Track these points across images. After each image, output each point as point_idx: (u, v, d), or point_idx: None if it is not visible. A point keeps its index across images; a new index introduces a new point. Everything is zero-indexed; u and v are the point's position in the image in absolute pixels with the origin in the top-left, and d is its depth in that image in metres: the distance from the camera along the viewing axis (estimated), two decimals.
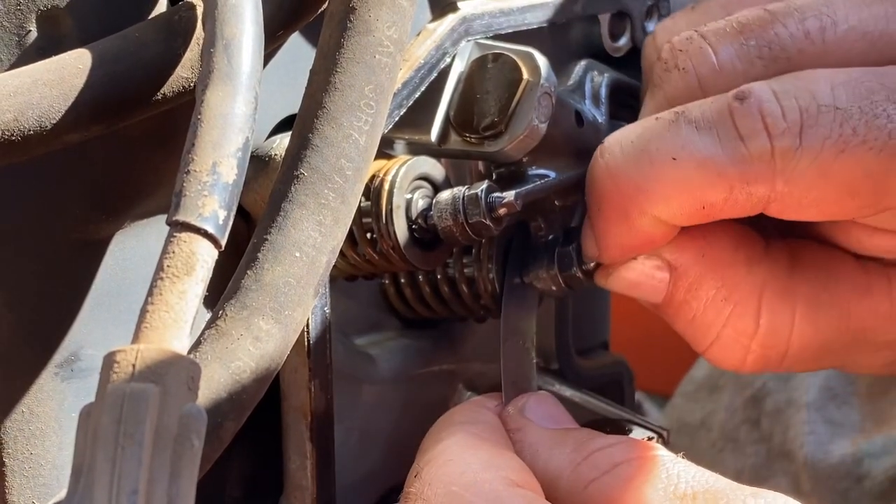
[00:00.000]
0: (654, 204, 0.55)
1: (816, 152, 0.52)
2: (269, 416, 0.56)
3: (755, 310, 0.58)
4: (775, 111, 0.53)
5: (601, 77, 0.64)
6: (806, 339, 0.58)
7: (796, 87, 0.53)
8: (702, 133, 0.54)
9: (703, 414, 1.02)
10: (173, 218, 0.42)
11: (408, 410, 0.64)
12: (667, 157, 0.54)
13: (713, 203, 0.54)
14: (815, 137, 0.52)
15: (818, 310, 0.58)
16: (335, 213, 0.48)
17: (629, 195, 0.55)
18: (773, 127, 0.53)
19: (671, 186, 0.54)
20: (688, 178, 0.54)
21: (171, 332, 0.40)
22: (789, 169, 0.53)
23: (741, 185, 0.53)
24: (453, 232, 0.56)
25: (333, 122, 0.48)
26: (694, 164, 0.53)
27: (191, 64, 0.48)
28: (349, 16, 0.49)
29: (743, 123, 0.53)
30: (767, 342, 0.58)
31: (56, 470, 0.53)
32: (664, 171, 0.54)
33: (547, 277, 0.61)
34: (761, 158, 0.53)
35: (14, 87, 0.45)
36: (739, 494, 0.48)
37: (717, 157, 0.53)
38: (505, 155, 0.58)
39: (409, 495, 0.50)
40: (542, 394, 0.57)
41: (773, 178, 0.53)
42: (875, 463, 0.86)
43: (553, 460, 0.53)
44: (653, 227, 0.56)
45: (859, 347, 0.60)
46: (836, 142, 0.52)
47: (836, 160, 0.52)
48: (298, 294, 0.46)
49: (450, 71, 0.59)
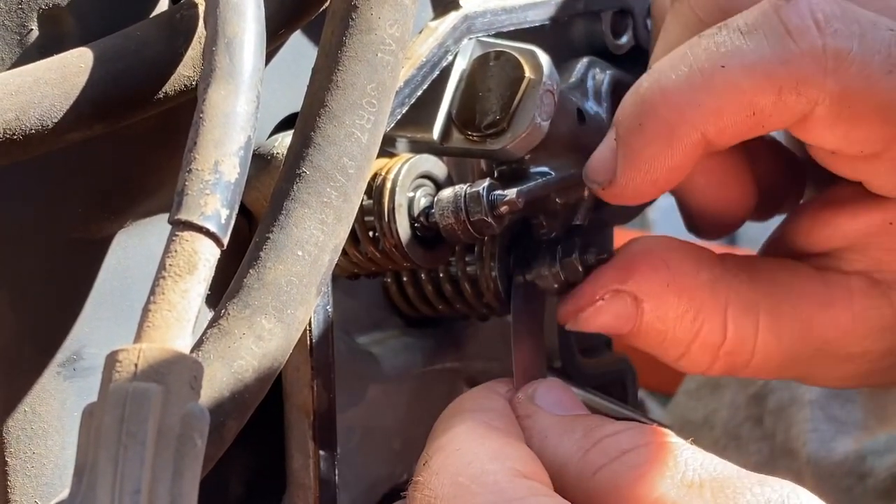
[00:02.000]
0: (705, 117, 0.53)
1: (868, 62, 0.51)
2: (271, 415, 0.56)
3: (721, 323, 0.58)
4: (827, 10, 0.52)
5: (603, 74, 0.64)
6: (770, 349, 0.59)
7: (847, 2, 0.53)
8: (747, 36, 0.53)
9: (706, 412, 1.02)
10: (175, 217, 0.42)
11: (410, 409, 0.64)
12: (715, 65, 0.53)
13: (763, 107, 0.53)
14: (868, 48, 0.51)
15: (780, 321, 0.59)
16: (337, 211, 0.48)
17: (679, 109, 0.54)
18: (825, 23, 0.52)
19: (722, 95, 0.53)
20: (737, 83, 0.53)
21: (174, 331, 0.40)
22: (841, 70, 0.51)
23: (791, 84, 0.52)
24: (455, 230, 0.56)
25: (335, 120, 0.48)
26: (742, 68, 0.52)
27: (192, 62, 0.48)
28: (351, 14, 0.49)
29: (791, 19, 0.52)
30: (734, 350, 0.59)
31: (58, 469, 0.53)
32: (713, 80, 0.53)
33: (549, 275, 0.61)
34: (812, 55, 0.52)
35: (16, 86, 0.45)
36: (746, 482, 0.48)
37: (765, 58, 0.52)
38: (507, 153, 0.58)
39: (417, 483, 0.50)
40: (553, 380, 0.57)
41: (823, 77, 0.52)
42: (878, 461, 0.86)
43: (562, 447, 0.53)
44: (693, 149, 0.54)
45: (822, 359, 0.60)
46: (885, 60, 0.52)
47: (884, 77, 0.52)
48: (301, 293, 0.46)
49: (452, 69, 0.59)
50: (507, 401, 0.56)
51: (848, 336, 0.59)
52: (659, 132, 0.54)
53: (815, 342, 0.59)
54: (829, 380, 0.63)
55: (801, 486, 0.48)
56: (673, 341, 0.59)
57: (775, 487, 0.48)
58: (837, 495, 0.86)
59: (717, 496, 0.48)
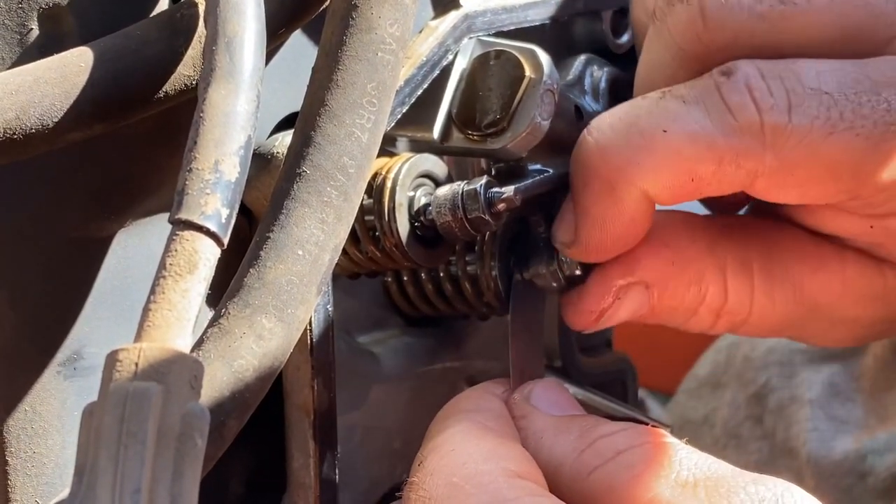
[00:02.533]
0: (643, 175, 0.54)
1: (806, 131, 0.53)
2: (271, 415, 0.56)
3: (723, 283, 0.60)
4: (762, 87, 0.53)
5: (601, 71, 0.64)
6: (764, 309, 0.60)
7: (781, 69, 0.54)
8: (690, 106, 0.54)
9: (706, 411, 1.02)
10: (176, 216, 0.42)
11: (411, 408, 0.64)
12: (657, 129, 0.54)
13: (702, 176, 0.54)
14: (805, 116, 0.53)
15: (772, 282, 0.60)
16: (338, 210, 0.48)
17: (618, 167, 0.55)
18: (762, 101, 0.53)
19: (661, 157, 0.54)
20: (678, 150, 0.54)
21: (174, 330, 0.40)
22: (779, 144, 0.53)
23: (731, 157, 0.53)
24: (452, 227, 0.56)
25: (336, 119, 0.48)
26: (684, 136, 0.54)
27: (193, 62, 0.48)
28: (351, 13, 0.49)
29: (731, 97, 0.53)
30: (733, 309, 0.60)
31: (59, 468, 0.53)
32: (654, 143, 0.54)
33: (547, 273, 0.61)
34: (751, 130, 0.53)
35: (16, 86, 0.45)
36: (741, 481, 0.48)
37: (707, 129, 0.53)
38: (507, 152, 0.58)
39: (412, 484, 0.51)
40: (549, 380, 0.58)
41: (762, 151, 0.53)
42: (878, 460, 0.86)
43: (557, 447, 0.53)
44: (638, 204, 0.55)
45: (815, 321, 0.61)
46: (824, 123, 0.53)
47: (824, 141, 0.53)
48: (301, 292, 0.46)
49: (452, 68, 0.59)
50: (502, 401, 0.56)
51: (839, 300, 0.60)
52: (602, 190, 0.56)
53: (806, 304, 0.60)
54: (824, 340, 0.65)
55: (795, 485, 0.48)
56: (681, 311, 0.60)
57: (769, 486, 0.48)
58: (837, 494, 0.86)
59: (712, 495, 0.48)
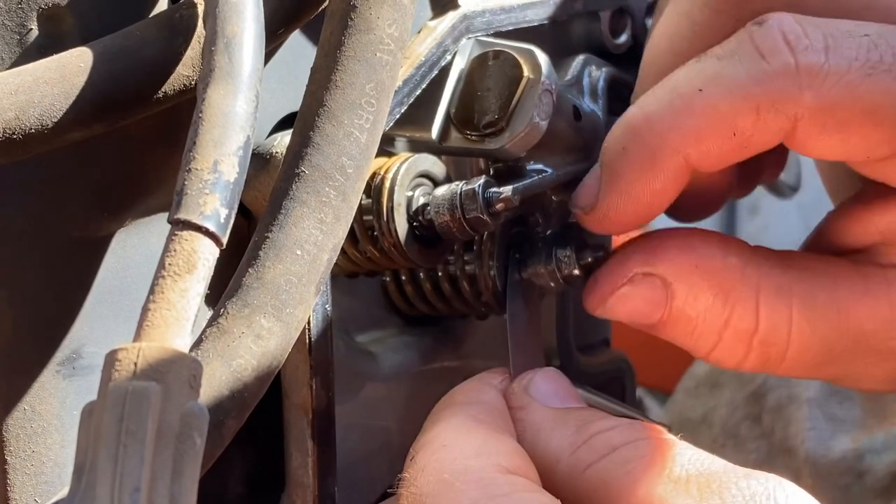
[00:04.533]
0: (686, 140, 0.54)
1: (844, 71, 0.52)
2: (270, 414, 0.56)
3: (753, 308, 0.57)
4: (797, 30, 0.53)
5: (598, 72, 0.64)
6: (805, 338, 0.57)
7: (819, 20, 0.53)
8: (724, 62, 0.54)
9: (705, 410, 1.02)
10: (175, 216, 0.42)
11: (409, 407, 0.64)
12: (693, 89, 0.54)
13: (743, 129, 0.54)
14: (842, 57, 0.52)
15: (815, 308, 0.57)
16: (336, 210, 0.48)
17: (661, 133, 0.55)
18: (796, 43, 0.52)
19: (700, 117, 0.54)
20: (715, 106, 0.53)
21: (173, 330, 0.40)
22: (816, 84, 0.52)
23: (768, 103, 0.53)
24: (450, 227, 0.56)
25: (334, 119, 0.48)
26: (719, 91, 0.53)
27: (192, 62, 0.48)
28: (350, 14, 0.49)
29: (763, 42, 0.53)
30: (768, 339, 0.57)
31: (58, 468, 0.53)
32: (693, 104, 0.54)
33: (545, 273, 0.61)
34: (786, 73, 0.52)
35: (15, 86, 0.45)
36: (732, 476, 0.48)
37: (741, 79, 0.53)
38: (506, 152, 0.58)
39: (404, 480, 0.51)
40: (549, 370, 0.57)
41: (799, 92, 0.52)
42: (876, 459, 0.86)
43: (554, 442, 0.53)
44: (677, 173, 0.55)
45: (861, 354, 0.58)
46: (863, 64, 0.52)
47: (863, 82, 0.52)
48: (300, 292, 0.46)
49: (450, 68, 0.59)
50: (499, 392, 0.56)
51: (887, 327, 0.58)
52: (641, 156, 0.55)
53: (852, 333, 0.58)
54: (870, 380, 0.61)
55: (787, 480, 0.48)
56: (704, 330, 0.58)
57: (761, 480, 0.48)
58: (835, 493, 0.86)
59: (703, 491, 0.48)
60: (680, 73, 0.55)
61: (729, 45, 0.54)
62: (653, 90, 0.56)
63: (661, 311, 0.58)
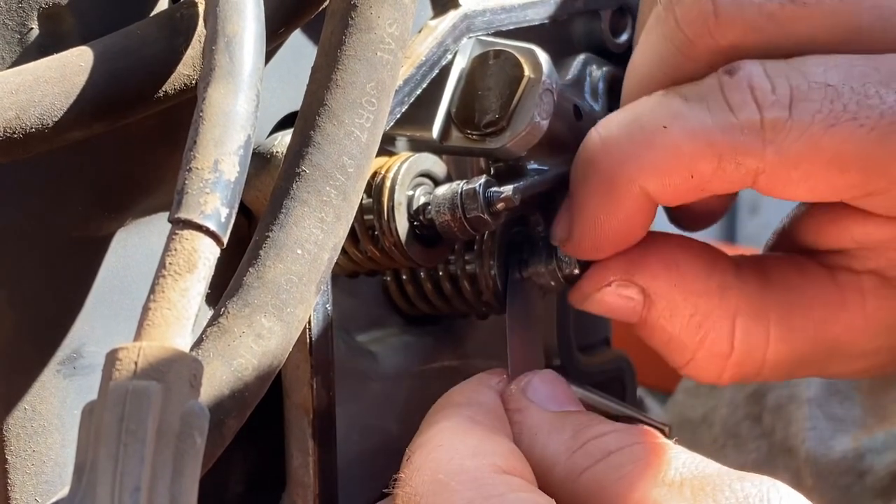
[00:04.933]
0: (642, 171, 0.54)
1: (806, 125, 0.52)
2: (271, 414, 0.56)
3: (729, 333, 0.58)
4: (764, 85, 0.53)
5: (599, 71, 0.64)
6: (781, 356, 0.59)
7: (787, 67, 0.54)
8: (692, 104, 0.54)
9: (705, 410, 1.02)
10: (175, 215, 0.42)
11: (410, 407, 0.64)
12: (657, 125, 0.54)
13: (702, 173, 0.54)
14: (806, 111, 0.52)
15: (792, 329, 0.58)
16: (337, 210, 0.48)
17: (619, 162, 0.55)
18: (763, 99, 0.53)
19: (661, 154, 0.54)
20: (677, 146, 0.54)
21: (174, 329, 0.40)
22: (779, 140, 0.53)
23: (731, 154, 0.53)
24: (451, 227, 0.56)
25: (335, 119, 0.48)
26: (684, 132, 0.53)
27: (192, 61, 0.48)
28: (351, 13, 0.49)
29: (732, 95, 0.53)
30: (742, 361, 0.58)
31: (58, 467, 0.53)
32: (655, 139, 0.54)
33: (545, 272, 0.61)
34: (751, 128, 0.53)
35: (16, 85, 0.45)
36: (726, 479, 0.48)
37: (706, 126, 0.53)
38: (506, 152, 0.58)
39: (400, 480, 0.51)
40: (547, 372, 0.57)
41: (762, 148, 0.53)
42: (877, 458, 0.86)
43: (550, 446, 0.53)
44: (635, 203, 0.55)
45: (835, 358, 0.60)
46: (826, 116, 0.52)
47: (825, 133, 0.52)
48: (300, 291, 0.46)
49: (451, 68, 0.59)
50: (497, 393, 0.56)
51: (860, 336, 0.59)
52: (600, 184, 0.55)
53: (827, 344, 0.59)
54: (845, 375, 0.63)
55: (780, 482, 0.49)
56: (678, 345, 0.59)
57: (755, 483, 0.48)
58: (836, 493, 0.86)
59: (697, 494, 0.48)
60: (646, 104, 0.55)
61: (699, 88, 0.54)
62: (615, 114, 0.56)
63: (637, 315, 0.59)
